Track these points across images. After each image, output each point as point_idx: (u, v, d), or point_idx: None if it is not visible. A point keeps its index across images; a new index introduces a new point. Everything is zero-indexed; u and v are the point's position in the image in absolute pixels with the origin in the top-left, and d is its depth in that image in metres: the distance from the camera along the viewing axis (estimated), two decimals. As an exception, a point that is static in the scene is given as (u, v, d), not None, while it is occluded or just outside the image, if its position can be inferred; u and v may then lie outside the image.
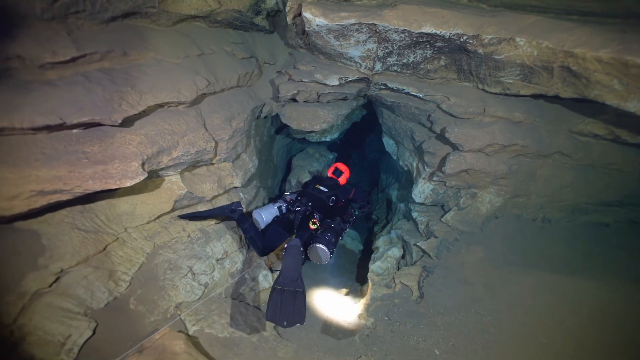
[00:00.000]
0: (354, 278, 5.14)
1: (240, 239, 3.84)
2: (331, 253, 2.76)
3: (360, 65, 3.88)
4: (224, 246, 3.58)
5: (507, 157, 3.78)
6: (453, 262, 3.94)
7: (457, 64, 3.57)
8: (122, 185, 2.45)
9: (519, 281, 3.52)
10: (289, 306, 2.34)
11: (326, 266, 5.23)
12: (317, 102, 4.28)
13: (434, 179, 4.11)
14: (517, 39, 2.87)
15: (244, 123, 3.72)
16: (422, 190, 4.38)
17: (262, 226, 3.30)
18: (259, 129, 4.50)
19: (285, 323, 2.29)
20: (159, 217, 3.17)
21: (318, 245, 2.74)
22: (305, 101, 4.22)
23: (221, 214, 3.32)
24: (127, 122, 2.72)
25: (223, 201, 3.74)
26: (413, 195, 4.52)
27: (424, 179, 4.33)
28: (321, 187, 3.44)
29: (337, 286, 4.70)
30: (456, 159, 3.71)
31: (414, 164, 4.65)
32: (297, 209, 3.19)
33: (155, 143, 2.80)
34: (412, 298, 3.76)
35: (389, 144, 5.39)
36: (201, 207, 3.51)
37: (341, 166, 3.83)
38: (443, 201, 4.40)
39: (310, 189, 3.44)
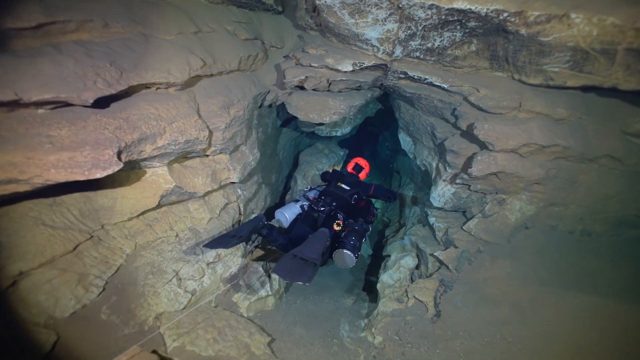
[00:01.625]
0: (361, 286, 4.71)
1: (236, 240, 3.45)
2: (356, 257, 2.79)
3: (378, 50, 3.42)
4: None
5: (545, 159, 3.26)
6: (475, 277, 3.46)
7: (491, 49, 3.07)
8: (92, 177, 2.08)
9: (553, 304, 3.02)
10: (296, 268, 2.33)
11: (331, 271, 4.82)
12: (328, 91, 3.84)
13: (457, 181, 3.63)
14: (572, 16, 2.36)
15: (244, 111, 3.32)
16: (441, 194, 3.89)
17: (286, 225, 3.22)
18: (262, 119, 4.09)
19: (289, 278, 2.31)
20: (142, 213, 2.80)
21: (344, 251, 2.75)
22: (314, 89, 3.79)
23: (251, 231, 2.95)
24: (104, 104, 2.35)
25: (218, 198, 3.36)
26: (431, 199, 4.05)
27: (444, 180, 3.84)
28: (343, 185, 3.38)
29: (342, 295, 4.27)
30: (485, 159, 3.22)
31: (434, 164, 4.17)
32: (322, 208, 3.12)
33: (137, 129, 2.42)
34: (427, 316, 3.30)
35: (405, 140, 4.90)
36: (192, 204, 3.14)
37: (361, 161, 3.70)
38: (465, 206, 3.91)
39: (333, 187, 3.37)
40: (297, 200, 3.30)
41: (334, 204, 3.18)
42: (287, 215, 3.10)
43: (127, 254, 2.72)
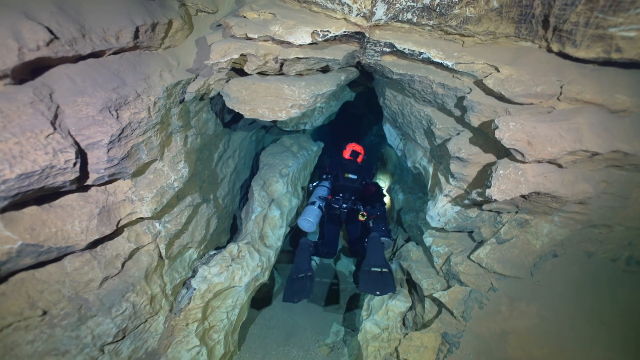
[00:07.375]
0: (341, 320, 3.79)
1: (153, 299, 2.41)
2: (392, 240, 3.07)
3: (350, 10, 2.27)
4: (118, 321, 2.16)
5: (592, 169, 2.27)
6: (489, 329, 2.56)
7: (524, 3, 1.98)
8: None
9: (604, 377, 2.15)
10: (377, 281, 2.56)
11: (303, 305, 3.87)
12: (281, 74, 2.69)
13: (465, 201, 2.62)
14: None
15: (149, 112, 2.17)
16: (442, 213, 2.90)
17: (314, 229, 3.20)
18: (194, 117, 2.92)
19: (377, 292, 2.50)
20: (-31, 293, 1.71)
21: (382, 239, 2.85)
22: (260, 73, 2.63)
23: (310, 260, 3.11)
24: None
25: (119, 244, 2.27)
26: (428, 217, 3.06)
27: (446, 196, 2.83)
28: (350, 175, 3.45)
29: (316, 339, 3.34)
30: (509, 175, 2.20)
31: (430, 170, 3.14)
32: (344, 205, 3.26)
33: None
34: (426, 390, 2.42)
35: (392, 134, 3.84)
36: (70, 262, 2.04)
37: (357, 147, 3.70)
38: (472, 226, 2.95)
39: (342, 180, 3.42)
40: (313, 203, 3.24)
41: (353, 197, 3.32)
42: (312, 221, 3.07)
43: (-60, 366, 1.65)
